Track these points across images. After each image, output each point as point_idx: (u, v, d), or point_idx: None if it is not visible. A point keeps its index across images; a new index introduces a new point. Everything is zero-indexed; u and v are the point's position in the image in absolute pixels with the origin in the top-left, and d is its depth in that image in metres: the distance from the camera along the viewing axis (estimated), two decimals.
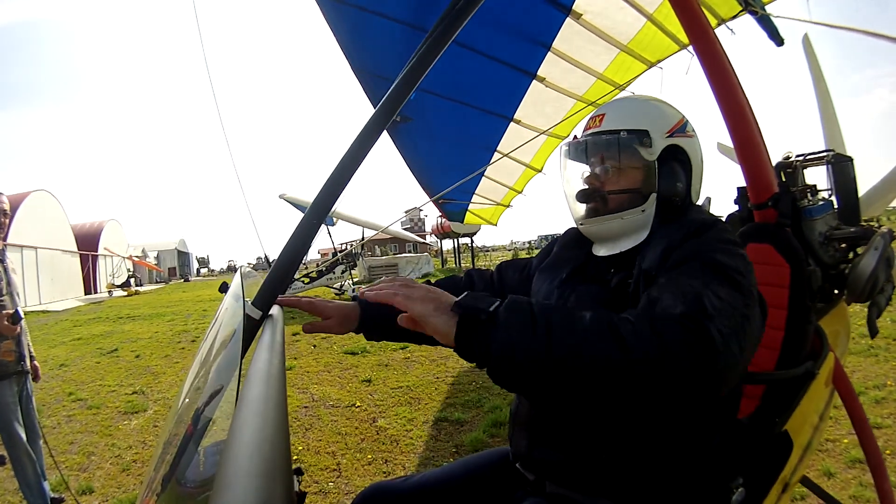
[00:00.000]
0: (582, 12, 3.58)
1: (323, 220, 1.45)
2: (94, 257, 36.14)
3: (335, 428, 5.45)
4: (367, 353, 8.90)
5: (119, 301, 27.84)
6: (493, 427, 4.99)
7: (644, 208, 1.52)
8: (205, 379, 1.20)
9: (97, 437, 5.73)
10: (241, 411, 0.59)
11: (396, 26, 3.32)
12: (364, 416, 5.80)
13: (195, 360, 1.47)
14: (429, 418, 5.53)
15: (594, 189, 1.58)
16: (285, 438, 0.56)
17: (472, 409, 5.69)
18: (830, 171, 2.40)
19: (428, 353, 8.47)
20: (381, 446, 4.90)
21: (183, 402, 1.32)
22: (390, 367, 7.85)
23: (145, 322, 16.44)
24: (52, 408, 6.92)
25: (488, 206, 6.39)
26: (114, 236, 41.25)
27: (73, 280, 32.30)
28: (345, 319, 1.65)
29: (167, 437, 1.29)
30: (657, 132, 1.54)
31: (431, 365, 7.78)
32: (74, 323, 17.64)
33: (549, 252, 1.80)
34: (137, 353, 10.62)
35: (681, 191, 1.55)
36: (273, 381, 0.73)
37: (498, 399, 5.83)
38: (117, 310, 21.59)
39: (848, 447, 3.99)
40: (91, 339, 13.26)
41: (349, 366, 8.18)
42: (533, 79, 4.20)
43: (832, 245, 2.20)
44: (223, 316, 1.47)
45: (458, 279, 1.87)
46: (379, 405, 6.12)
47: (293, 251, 1.44)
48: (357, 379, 7.34)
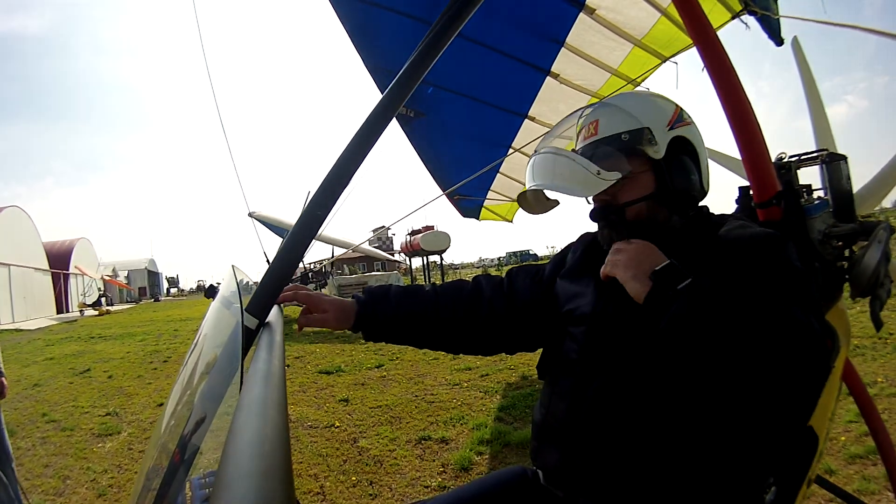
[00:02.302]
0: (595, 7, 3.56)
1: (326, 214, 1.28)
2: (65, 276, 35.35)
3: (315, 449, 5.32)
4: (343, 372, 8.78)
5: (91, 321, 27.25)
6: (479, 444, 4.93)
7: (672, 224, 1.48)
8: (195, 398, 1.14)
9: (72, 459, 5.57)
10: (241, 411, 0.59)
11: (408, 21, 3.33)
12: (344, 436, 5.68)
13: (182, 374, 1.34)
14: (411, 437, 5.44)
15: (606, 204, 1.49)
16: (285, 438, 0.56)
17: (455, 427, 5.61)
18: (825, 169, 2.39)
19: (404, 372, 8.41)
20: (364, 467, 4.79)
21: (171, 424, 1.20)
22: (367, 387, 7.73)
23: (117, 342, 16.11)
24: (26, 429, 6.77)
25: (503, 202, 6.40)
26: (84, 255, 40.51)
27: (46, 299, 31.66)
28: (341, 314, 1.60)
29: (151, 466, 1.17)
30: (658, 127, 1.45)
31: (409, 383, 7.68)
32: (47, 342, 17.29)
33: (562, 259, 1.75)
34: (110, 374, 10.39)
35: (696, 183, 1.48)
36: (273, 382, 0.73)
37: (482, 416, 5.79)
38: (89, 329, 21.16)
39: (846, 444, 4.03)
40: (63, 359, 12.98)
41: (325, 385, 8.05)
42: (547, 75, 4.19)
43: (830, 243, 2.21)
44: (213, 326, 1.36)
45: (464, 285, 1.78)
46: (359, 425, 6.00)
47: (292, 249, 1.29)
48: (334, 399, 7.21)
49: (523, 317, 1.72)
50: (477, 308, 1.71)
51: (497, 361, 8.25)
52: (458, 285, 1.79)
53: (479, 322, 1.71)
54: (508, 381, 7.25)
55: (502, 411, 5.92)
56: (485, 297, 1.74)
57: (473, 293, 1.75)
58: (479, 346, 1.77)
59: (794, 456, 1.53)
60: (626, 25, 3.77)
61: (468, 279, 1.81)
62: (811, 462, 1.57)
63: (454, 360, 8.76)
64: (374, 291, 1.70)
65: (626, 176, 1.43)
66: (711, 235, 1.43)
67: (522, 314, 1.72)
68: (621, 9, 3.59)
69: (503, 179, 5.79)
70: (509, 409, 5.93)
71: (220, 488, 0.44)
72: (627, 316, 1.36)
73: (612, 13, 3.63)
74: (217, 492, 0.44)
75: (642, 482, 1.30)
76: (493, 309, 1.72)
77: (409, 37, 3.37)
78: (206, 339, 1.34)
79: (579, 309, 1.54)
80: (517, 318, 1.72)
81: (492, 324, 1.71)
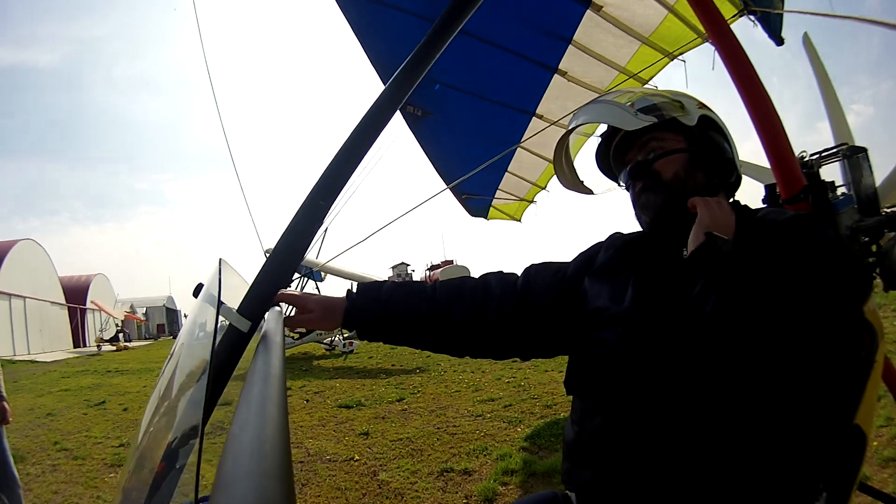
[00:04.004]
0: (602, 4, 3.57)
1: (329, 205, 1.18)
2: (82, 311, 35.68)
3: (334, 483, 5.18)
4: (363, 406, 8.64)
5: (108, 356, 27.31)
6: (504, 475, 4.78)
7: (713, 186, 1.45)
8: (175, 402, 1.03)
9: (81, 487, 5.50)
10: (241, 411, 0.59)
11: (414, 20, 3.37)
12: (364, 469, 5.52)
13: (162, 378, 1.22)
14: (433, 469, 5.27)
15: (645, 162, 1.46)
16: (285, 438, 0.55)
17: (479, 458, 5.44)
18: (846, 165, 2.36)
19: (426, 405, 8.28)
20: (384, 500, 4.65)
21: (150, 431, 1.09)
22: (388, 420, 7.58)
23: (134, 376, 16.03)
24: (36, 456, 6.70)
25: (512, 201, 6.37)
26: (102, 291, 40.90)
27: (62, 332, 31.92)
28: (328, 313, 1.55)
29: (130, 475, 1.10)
30: (688, 102, 1.45)
31: (431, 416, 7.54)
32: (63, 374, 17.31)
33: (590, 258, 1.64)
34: (125, 406, 10.28)
35: (730, 159, 1.46)
36: (273, 382, 0.72)
37: (506, 446, 5.62)
38: (106, 363, 21.19)
39: (878, 448, 3.90)
40: (79, 391, 12.94)
41: (344, 419, 7.90)
42: (554, 73, 4.19)
43: (857, 238, 2.20)
44: (199, 327, 1.22)
45: (466, 283, 1.68)
46: (379, 458, 5.84)
47: (291, 243, 1.19)
48: (353, 432, 7.05)
49: (540, 317, 1.60)
50: (481, 307, 1.61)
51: (520, 391, 8.16)
52: (460, 283, 1.69)
53: (483, 322, 1.60)
54: (532, 410, 7.12)
55: (527, 441, 5.80)
56: (493, 295, 1.63)
57: (478, 291, 1.64)
58: (484, 349, 1.66)
59: (842, 457, 1.42)
60: (633, 22, 3.80)
61: (474, 276, 1.73)
62: (860, 463, 1.46)
63: (476, 391, 8.68)
64: (366, 288, 1.64)
65: (661, 145, 1.43)
66: (749, 218, 1.38)
67: (539, 314, 1.60)
68: (628, 6, 3.63)
69: (511, 178, 5.79)
70: (534, 439, 5.81)
71: (221, 488, 0.44)
72: (670, 315, 1.27)
73: (620, 10, 3.66)
74: (217, 492, 0.43)
75: (686, 497, 1.18)
76: (503, 308, 1.61)
77: (418, 36, 3.43)
78: (188, 342, 1.20)
79: (611, 309, 1.43)
80: (532, 319, 1.60)
81: (500, 324, 1.60)
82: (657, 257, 1.44)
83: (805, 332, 1.07)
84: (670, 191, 1.40)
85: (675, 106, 1.43)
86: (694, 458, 1.18)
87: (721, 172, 1.45)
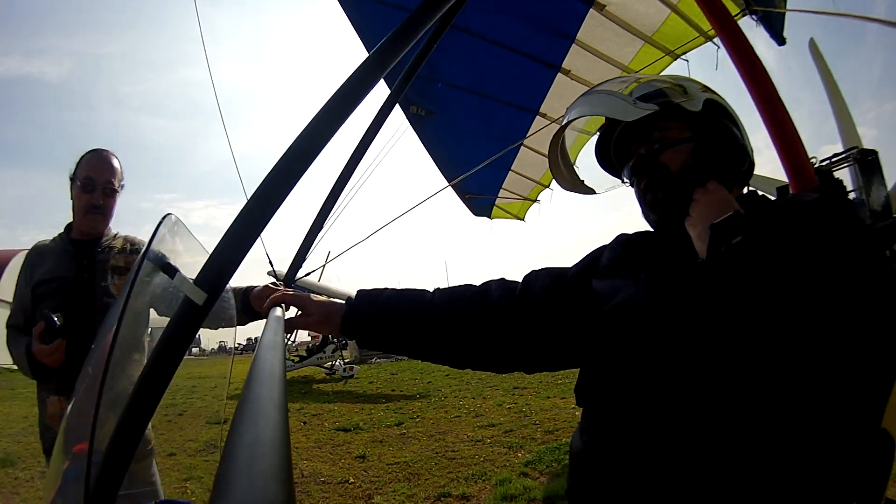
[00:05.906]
0: (605, 3, 3.57)
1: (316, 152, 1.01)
2: None
3: None
4: (361, 429, 8.54)
5: None
6: (503, 500, 4.66)
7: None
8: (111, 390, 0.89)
9: None
10: (241, 411, 0.57)
11: None
12: (358, 492, 5.40)
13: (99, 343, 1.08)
14: (430, 494, 5.14)
15: (648, 154, 1.35)
16: (285, 439, 0.53)
17: (477, 483, 5.31)
18: (857, 169, 2.34)
19: (425, 429, 8.17)
20: None
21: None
22: (385, 443, 7.47)
23: None
24: (27, 462, 6.62)
25: (515, 200, 6.34)
26: None
27: None
28: (326, 319, 1.50)
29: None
30: (691, 86, 1.35)
31: (429, 440, 7.42)
32: None
33: (595, 259, 1.52)
34: None
35: (741, 145, 1.35)
36: (273, 381, 0.69)
37: (505, 471, 5.50)
38: None
39: None
40: None
41: (341, 442, 7.81)
42: (558, 71, 4.18)
43: None
44: (144, 291, 1.03)
45: (467, 289, 1.58)
46: (374, 481, 5.72)
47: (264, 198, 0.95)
48: (350, 455, 6.94)
49: (540, 321, 1.47)
50: (479, 308, 1.51)
51: (521, 417, 8.05)
52: (461, 289, 1.59)
53: (479, 322, 1.49)
54: (533, 436, 7.00)
55: (527, 466, 5.67)
56: (491, 297, 1.52)
57: (477, 297, 1.54)
58: (484, 359, 1.54)
59: (869, 465, 1.26)
60: (636, 21, 3.80)
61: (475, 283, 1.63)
62: (889, 472, 1.29)
63: (477, 416, 8.58)
64: (366, 294, 1.57)
65: (665, 136, 1.33)
66: (766, 205, 1.30)
67: (538, 317, 1.47)
68: (631, 4, 3.63)
69: (515, 177, 5.77)
70: (535, 464, 5.68)
71: (221, 488, 0.43)
72: (686, 309, 1.16)
73: (622, 9, 3.66)
74: (217, 492, 0.43)
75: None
76: (500, 309, 1.49)
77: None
78: (134, 308, 1.03)
79: (628, 302, 1.31)
80: (532, 322, 1.48)
81: (498, 326, 1.49)
82: (670, 257, 1.31)
83: (832, 322, 0.98)
84: (679, 184, 1.30)
85: (677, 91, 1.33)
86: (719, 469, 1.05)
87: (732, 160, 1.35)
